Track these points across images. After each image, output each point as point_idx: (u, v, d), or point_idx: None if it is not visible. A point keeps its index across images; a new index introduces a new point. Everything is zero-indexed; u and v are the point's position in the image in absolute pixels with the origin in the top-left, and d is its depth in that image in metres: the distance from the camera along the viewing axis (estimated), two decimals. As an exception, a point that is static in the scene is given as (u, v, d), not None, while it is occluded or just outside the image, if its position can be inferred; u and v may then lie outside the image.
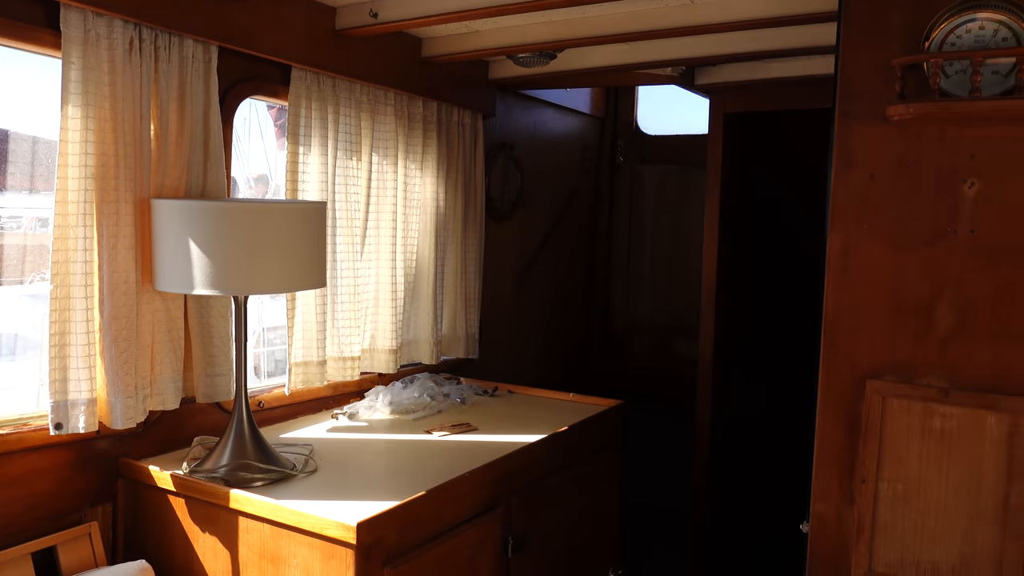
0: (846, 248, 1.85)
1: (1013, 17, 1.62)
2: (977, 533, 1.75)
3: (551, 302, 4.51)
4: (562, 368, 4.67)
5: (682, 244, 4.68)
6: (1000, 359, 1.71)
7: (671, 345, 4.76)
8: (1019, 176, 1.67)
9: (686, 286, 4.67)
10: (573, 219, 4.65)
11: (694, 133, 4.53)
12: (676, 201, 4.72)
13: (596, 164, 4.82)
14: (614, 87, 4.73)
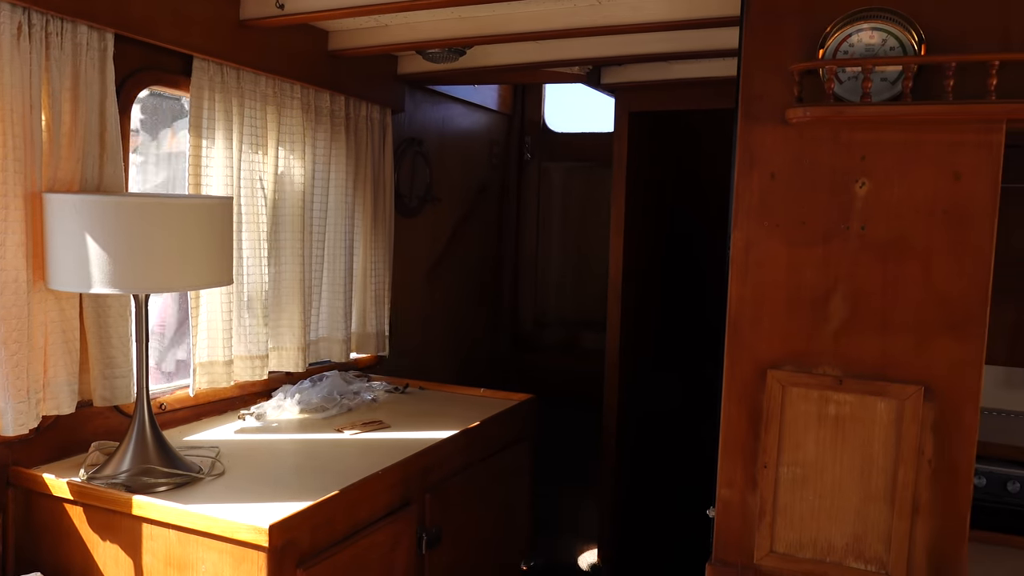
0: (748, 244, 1.93)
1: (900, 28, 1.72)
2: (869, 511, 1.86)
3: (461, 297, 4.52)
4: (473, 364, 4.69)
5: (590, 239, 4.77)
6: (888, 348, 1.83)
7: (580, 339, 4.85)
8: (904, 176, 1.79)
9: (594, 281, 4.76)
10: (482, 215, 4.67)
11: (601, 131, 4.63)
12: (583, 197, 4.80)
13: (504, 160, 4.86)
14: (522, 84, 4.77)
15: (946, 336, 1.78)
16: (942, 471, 1.80)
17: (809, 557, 1.92)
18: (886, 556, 1.86)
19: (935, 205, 1.77)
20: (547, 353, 4.87)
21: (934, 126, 1.75)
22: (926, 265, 1.79)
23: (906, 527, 1.83)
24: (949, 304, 1.78)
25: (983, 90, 1.66)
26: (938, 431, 1.80)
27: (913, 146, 1.77)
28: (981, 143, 1.72)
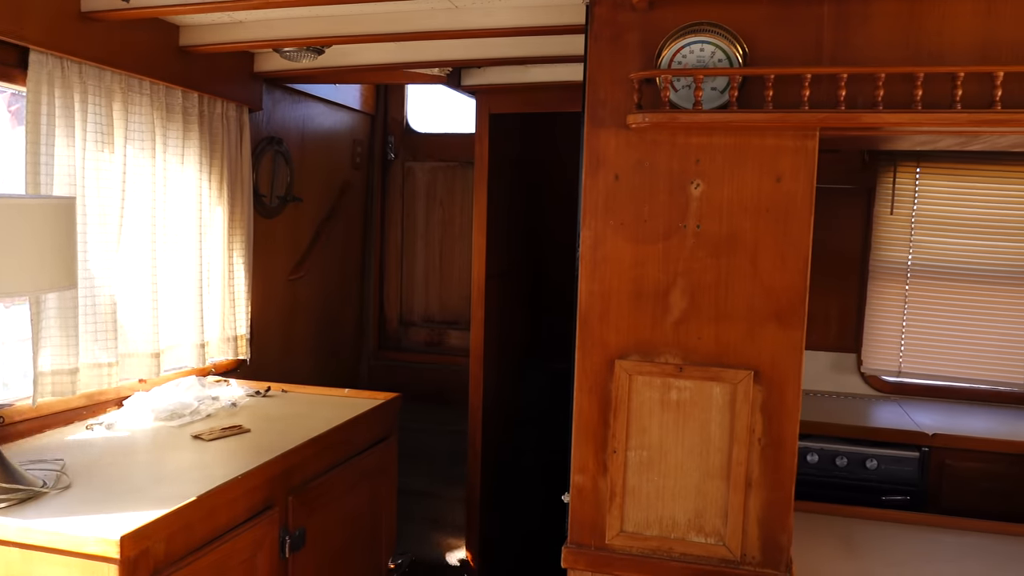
0: (596, 241, 2.04)
1: (727, 42, 1.88)
2: (707, 488, 2.01)
3: (325, 298, 4.48)
4: (341, 364, 4.65)
5: (455, 238, 4.84)
6: (722, 336, 1.98)
7: (446, 337, 4.90)
8: (733, 178, 1.94)
9: (460, 280, 4.83)
10: (345, 215, 4.63)
11: (465, 132, 4.69)
12: (447, 197, 4.85)
13: (368, 160, 4.84)
14: (384, 85, 4.77)
15: (772, 324, 1.95)
16: (770, 447, 1.98)
17: (656, 534, 2.05)
18: (723, 529, 2.01)
19: (760, 204, 1.94)
20: (414, 352, 4.89)
21: (758, 132, 1.91)
22: (754, 260, 1.95)
23: (740, 501, 1.99)
24: (774, 295, 1.95)
25: (799, 100, 1.83)
26: (766, 411, 1.97)
27: (741, 150, 1.93)
28: (799, 148, 1.90)
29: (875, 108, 1.78)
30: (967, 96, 1.75)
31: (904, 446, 3.32)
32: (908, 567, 2.11)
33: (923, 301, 3.86)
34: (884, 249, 3.89)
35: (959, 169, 3.75)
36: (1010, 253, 3.76)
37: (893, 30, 1.84)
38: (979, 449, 3.28)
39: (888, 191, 3.84)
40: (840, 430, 3.41)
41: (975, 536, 2.32)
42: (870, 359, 3.94)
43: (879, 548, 2.21)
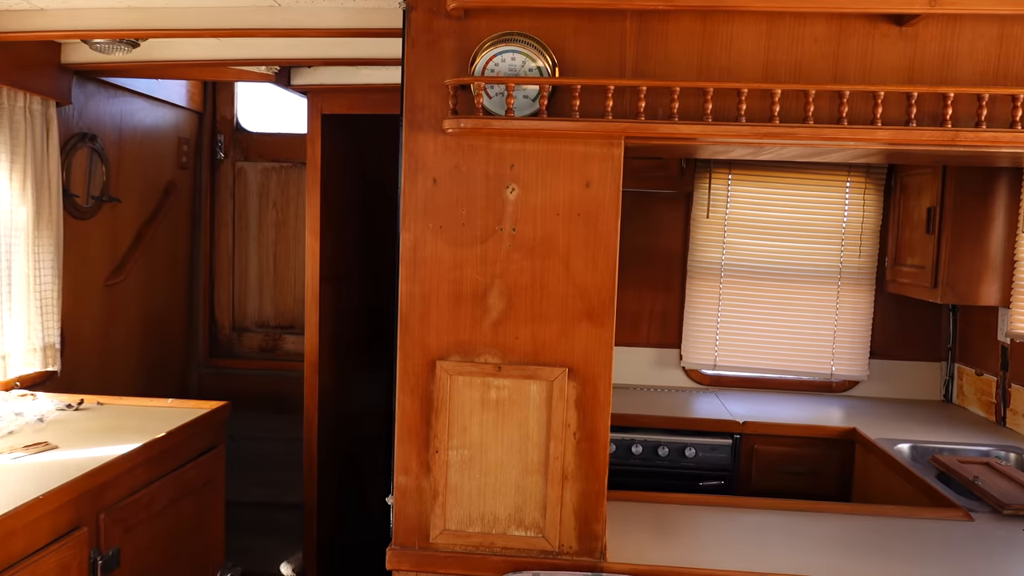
0: (415, 244, 2.06)
1: (537, 52, 1.95)
2: (527, 483, 2.08)
3: (149, 304, 4.25)
4: (167, 373, 4.43)
5: (289, 241, 4.72)
6: (537, 335, 2.06)
7: (282, 343, 4.78)
8: (546, 183, 2.02)
9: (295, 283, 4.72)
10: (171, 216, 4.42)
11: (298, 132, 4.59)
12: (281, 198, 4.74)
13: (196, 159, 4.64)
14: (212, 82, 4.59)
15: (584, 323, 2.05)
16: (585, 441, 2.07)
17: (478, 530, 2.10)
18: (542, 521, 2.09)
19: (572, 209, 2.02)
20: (248, 359, 4.73)
21: (568, 139, 2.00)
22: (567, 261, 2.04)
23: (558, 493, 2.07)
24: (586, 295, 2.04)
25: (604, 110, 1.93)
26: (580, 406, 2.06)
27: (553, 156, 2.01)
28: (606, 155, 2.00)
29: (671, 119, 1.91)
30: (751, 110, 1.91)
31: (719, 434, 3.56)
32: (713, 545, 2.26)
33: (735, 299, 4.15)
34: (701, 250, 4.15)
35: (766, 176, 4.06)
36: (813, 254, 4.11)
37: (688, 47, 1.98)
38: (784, 434, 3.57)
39: (704, 196, 4.11)
40: (662, 422, 3.61)
41: (777, 514, 2.52)
42: (689, 354, 4.20)
43: (689, 530, 2.36)
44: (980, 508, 2.59)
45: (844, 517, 2.54)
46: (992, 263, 3.47)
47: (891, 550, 2.29)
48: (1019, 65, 1.92)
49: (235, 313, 4.77)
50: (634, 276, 4.24)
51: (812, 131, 1.87)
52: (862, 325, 4.13)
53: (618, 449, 3.54)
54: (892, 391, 4.19)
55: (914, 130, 1.85)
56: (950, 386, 4.14)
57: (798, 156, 2.30)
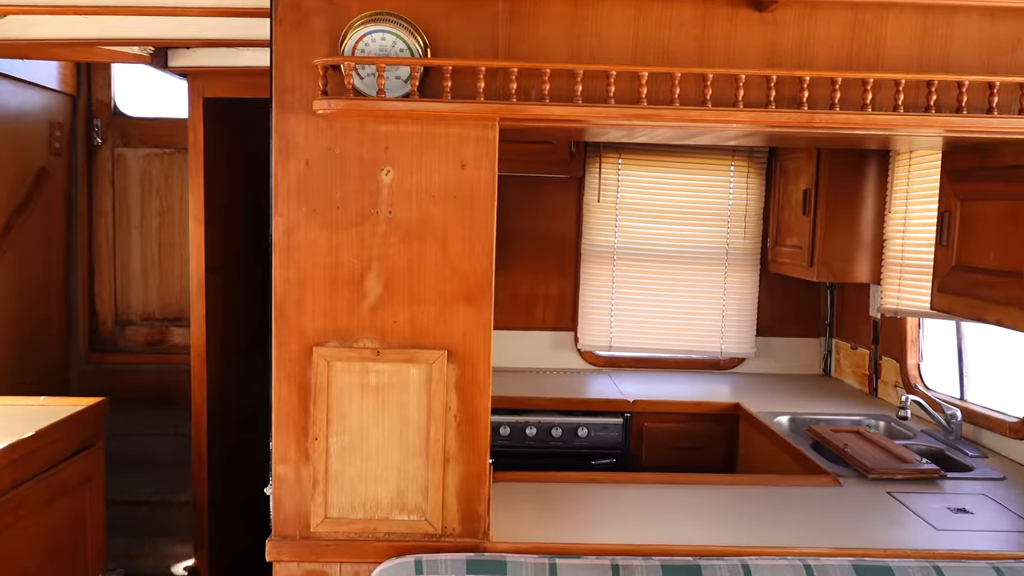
0: (289, 228, 2.02)
1: (408, 33, 1.93)
2: (408, 467, 2.07)
3: (20, 299, 4.02)
4: (42, 372, 4.20)
5: (175, 230, 4.55)
6: (416, 319, 2.04)
7: (169, 336, 4.61)
8: (421, 165, 2.00)
9: (183, 274, 4.55)
10: (43, 205, 4.19)
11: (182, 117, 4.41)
12: (165, 185, 4.56)
13: (70, 145, 4.41)
14: (86, 63, 4.36)
15: (462, 305, 2.05)
16: (465, 423, 2.07)
17: (361, 517, 2.08)
18: (425, 504, 2.08)
19: (448, 191, 2.02)
20: (133, 353, 4.55)
21: (443, 121, 1.98)
22: (443, 244, 2.03)
23: (439, 476, 2.07)
24: (463, 277, 2.04)
25: (477, 92, 1.92)
26: (460, 388, 2.06)
27: (427, 138, 2.00)
28: (480, 137, 2.00)
29: (543, 101, 1.92)
30: (620, 92, 1.94)
31: (610, 414, 3.64)
32: (597, 521, 2.31)
33: (629, 281, 4.24)
34: (593, 234, 4.22)
35: (654, 160, 4.15)
36: (701, 236, 4.23)
37: (560, 29, 1.99)
38: (672, 411, 3.67)
39: (595, 180, 4.17)
40: (556, 403, 3.66)
41: (662, 488, 2.59)
42: (585, 336, 4.26)
43: (574, 507, 2.40)
44: (848, 474, 2.73)
45: (725, 488, 2.64)
46: (863, 242, 3.65)
47: (766, 517, 2.39)
48: (871, 51, 2.02)
49: (118, 306, 4.57)
50: (528, 260, 4.27)
51: (678, 113, 1.92)
52: (748, 304, 4.29)
53: (512, 432, 3.57)
54: (776, 367, 4.37)
55: (773, 112, 1.92)
56: (829, 360, 4.34)
57: (671, 138, 2.36)
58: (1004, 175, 2.27)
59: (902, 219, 3.44)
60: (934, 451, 3.05)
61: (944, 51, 2.02)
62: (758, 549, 2.08)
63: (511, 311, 4.28)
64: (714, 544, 2.13)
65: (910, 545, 2.19)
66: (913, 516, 2.40)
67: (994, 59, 2.02)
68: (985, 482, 2.71)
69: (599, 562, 2.00)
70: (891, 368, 3.73)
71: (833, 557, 2.04)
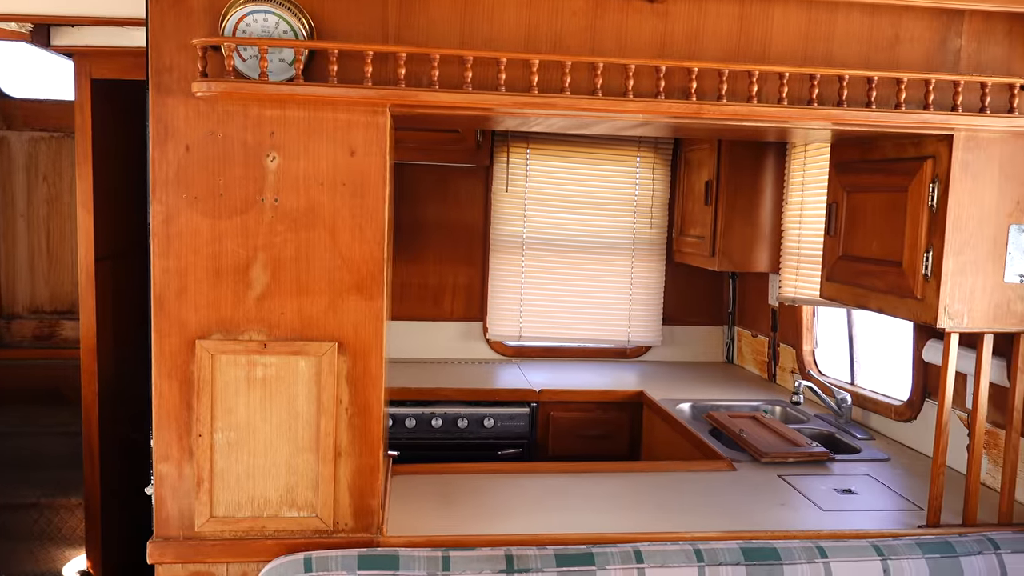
0: (168, 216, 1.93)
1: (291, 15, 1.86)
2: (298, 463, 2.02)
3: None
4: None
5: (64, 218, 4.33)
6: (305, 310, 1.99)
7: (60, 329, 4.39)
8: (308, 152, 1.94)
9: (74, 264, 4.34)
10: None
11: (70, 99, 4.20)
12: (53, 171, 4.33)
13: (-55, 128, 4.14)
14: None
15: (353, 296, 2.00)
16: (357, 416, 2.03)
17: (248, 515, 2.01)
18: (316, 500, 2.03)
19: (336, 178, 1.96)
20: (19, 348, 4.31)
21: (331, 106, 1.93)
22: (333, 233, 1.98)
23: (331, 471, 2.02)
24: (354, 267, 1.99)
25: (364, 77, 1.87)
26: (352, 381, 2.02)
27: (315, 124, 1.94)
28: (370, 123, 1.95)
29: (432, 87, 1.88)
30: (512, 80, 1.92)
31: (517, 403, 3.64)
32: (496, 511, 2.30)
33: (538, 271, 4.24)
34: (502, 224, 4.20)
35: (562, 150, 4.16)
36: (608, 226, 4.26)
37: (451, 15, 1.96)
38: (578, 400, 3.70)
39: (503, 170, 4.15)
40: (462, 394, 3.64)
41: (564, 477, 2.60)
42: (494, 326, 4.25)
43: (474, 498, 2.39)
44: (743, 458, 2.80)
45: (624, 476, 2.67)
46: (762, 233, 3.74)
47: (661, 503, 2.42)
48: (758, 45, 2.05)
49: (2, 299, 4.32)
50: (437, 250, 4.23)
51: (569, 102, 1.91)
52: (655, 293, 4.35)
53: (418, 423, 3.54)
54: (681, 355, 4.45)
55: (663, 102, 1.94)
56: (731, 348, 4.45)
57: (566, 127, 2.36)
58: (885, 167, 2.35)
59: (798, 210, 3.54)
60: (825, 434, 3.15)
61: (827, 46, 2.07)
62: (650, 535, 2.11)
63: (419, 301, 4.24)
64: (608, 531, 2.14)
65: (797, 526, 2.25)
66: (802, 498, 2.48)
67: (874, 54, 2.09)
68: (871, 463, 2.82)
69: (493, 553, 1.99)
70: (788, 355, 3.85)
71: (723, 540, 2.08)
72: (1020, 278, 2.16)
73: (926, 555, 2.08)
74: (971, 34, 2.11)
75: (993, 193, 2.13)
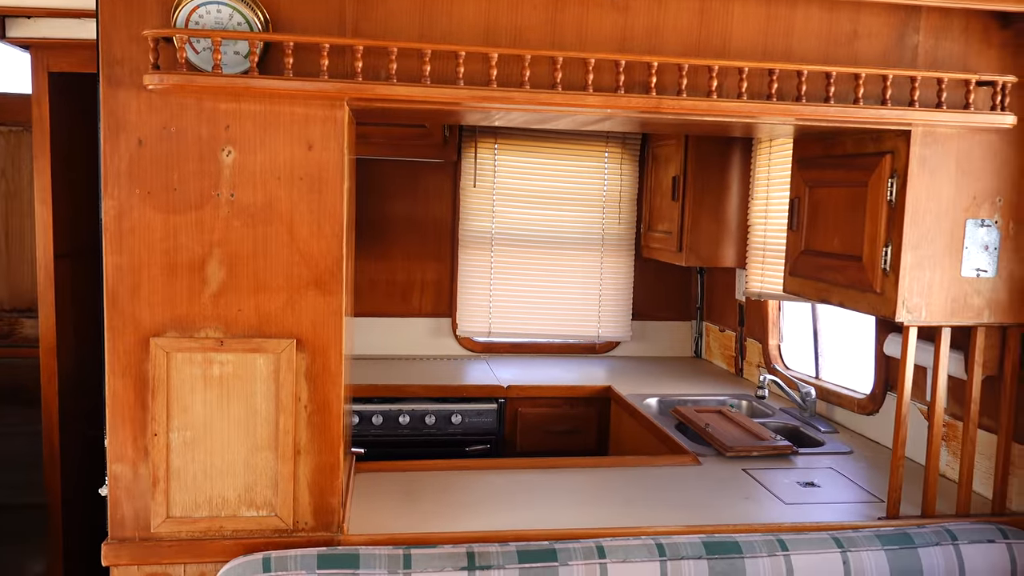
0: (121, 212, 1.89)
1: (246, 6, 1.83)
2: (256, 461, 1.99)
3: None
4: None
5: (23, 214, 4.24)
6: (262, 307, 1.96)
7: (20, 328, 4.30)
8: (264, 146, 1.91)
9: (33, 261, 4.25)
10: None
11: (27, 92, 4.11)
12: (11, 167, 4.24)
13: None
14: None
15: (312, 292, 1.97)
16: (316, 413, 2.00)
17: (206, 515, 1.98)
18: (275, 499, 2.00)
19: (294, 172, 1.93)
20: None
21: (288, 100, 1.90)
22: (290, 228, 1.95)
23: (290, 469, 2.00)
24: (312, 263, 1.96)
25: (320, 70, 1.85)
26: (311, 378, 1.99)
27: (271, 117, 1.91)
28: (328, 117, 1.92)
29: (390, 81, 1.86)
30: (470, 74, 1.90)
31: (484, 399, 3.63)
32: (460, 508, 2.28)
33: (507, 267, 4.23)
34: (470, 219, 4.19)
35: (530, 145, 4.15)
36: (577, 221, 4.26)
37: (410, 8, 1.94)
38: (546, 395, 3.70)
39: (471, 165, 4.13)
40: (430, 391, 3.62)
41: (531, 473, 2.59)
42: (463, 322, 4.24)
43: (439, 495, 2.37)
44: (708, 452, 2.81)
45: (590, 471, 2.67)
46: (729, 228, 3.76)
47: (626, 498, 2.43)
48: (718, 40, 2.05)
49: (-40, 296, 4.23)
50: (405, 246, 4.21)
51: (528, 96, 1.90)
52: (624, 289, 4.36)
53: (386, 420, 3.52)
54: (650, 350, 4.47)
55: (622, 97, 1.93)
56: (700, 343, 4.47)
57: (528, 122, 2.34)
58: (845, 163, 2.37)
59: (764, 206, 3.56)
60: (790, 428, 3.18)
61: (787, 41, 2.08)
62: (613, 530, 2.11)
63: (388, 298, 4.21)
64: (571, 527, 2.14)
65: (760, 520, 2.27)
66: (765, 492, 2.49)
67: (833, 50, 2.10)
68: (834, 456, 2.84)
69: (455, 550, 1.98)
70: (755, 349, 3.87)
71: (685, 535, 2.09)
72: (977, 272, 2.19)
73: (885, 547, 2.10)
74: (928, 30, 2.13)
75: (950, 188, 2.15)
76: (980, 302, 2.21)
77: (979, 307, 2.21)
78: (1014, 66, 2.16)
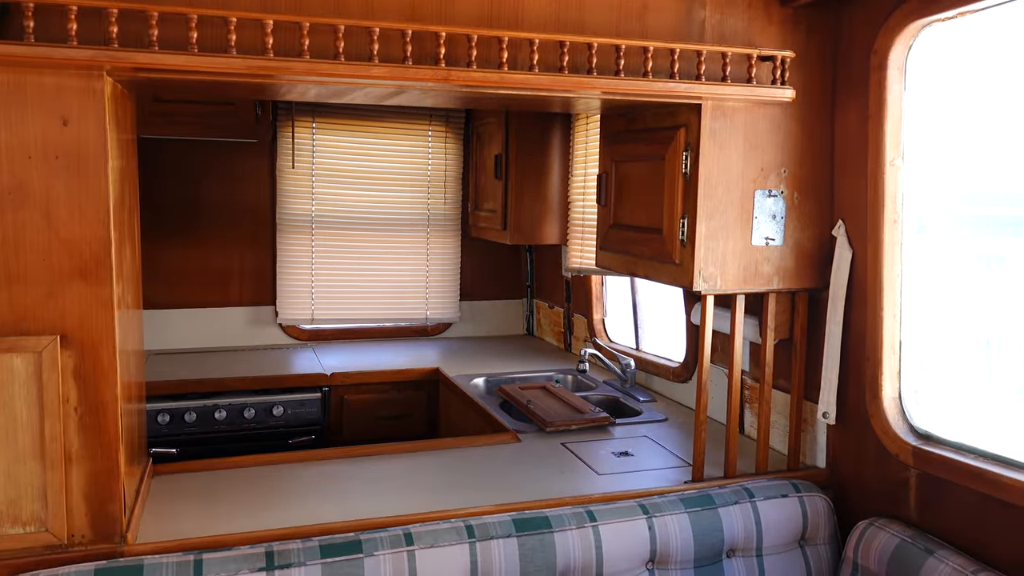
0: None
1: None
2: (20, 473, 1.79)
3: None
4: None
5: None
6: (17, 301, 1.75)
7: None
8: (11, 120, 1.69)
9: None
10: None
11: None
12: None
13: None
14: None
15: (76, 283, 1.78)
16: (89, 415, 1.82)
17: (-40, 536, 1.77)
18: (45, 513, 1.81)
19: (48, 151, 1.73)
20: None
21: (35, 70, 1.69)
22: (47, 212, 1.75)
23: (60, 479, 1.81)
24: (75, 250, 1.78)
25: (96, 38, 1.66)
26: (80, 377, 1.81)
27: (16, 89, 1.70)
28: (86, 89, 1.73)
29: (151, 48, 1.70)
30: (244, 41, 1.77)
31: (308, 389, 3.49)
32: (256, 506, 2.16)
33: (329, 250, 4.09)
34: (289, 202, 4.01)
35: (350, 124, 4.01)
36: (401, 202, 4.17)
37: (175, -32, 1.78)
38: (372, 381, 3.61)
39: (289, 145, 3.95)
40: (248, 383, 3.44)
41: (351, 461, 2.50)
42: (285, 310, 4.06)
43: (237, 495, 2.23)
44: (529, 429, 2.82)
45: (410, 456, 2.60)
46: (551, 205, 3.79)
47: (441, 480, 2.39)
48: (510, 11, 2.02)
49: None
50: (220, 232, 3.98)
51: (308, 66, 1.79)
52: (451, 269, 4.32)
53: (199, 417, 3.31)
54: (482, 330, 4.46)
55: (410, 68, 1.86)
56: (531, 320, 4.51)
57: (322, 95, 2.22)
58: (646, 137, 2.41)
59: (582, 182, 3.61)
60: (610, 399, 3.25)
61: (579, 14, 2.07)
62: (421, 516, 2.06)
63: (203, 287, 3.97)
64: (378, 516, 2.07)
65: (573, 493, 2.28)
66: (581, 464, 2.52)
67: (625, 23, 2.11)
68: (649, 424, 2.92)
69: (252, 551, 1.86)
70: (582, 324, 3.94)
71: (495, 514, 2.07)
72: (766, 241, 2.29)
73: (688, 509, 2.17)
74: (714, 5, 2.19)
75: (739, 160, 2.23)
76: (770, 270, 2.31)
77: (769, 274, 2.31)
78: (793, 42, 2.26)
